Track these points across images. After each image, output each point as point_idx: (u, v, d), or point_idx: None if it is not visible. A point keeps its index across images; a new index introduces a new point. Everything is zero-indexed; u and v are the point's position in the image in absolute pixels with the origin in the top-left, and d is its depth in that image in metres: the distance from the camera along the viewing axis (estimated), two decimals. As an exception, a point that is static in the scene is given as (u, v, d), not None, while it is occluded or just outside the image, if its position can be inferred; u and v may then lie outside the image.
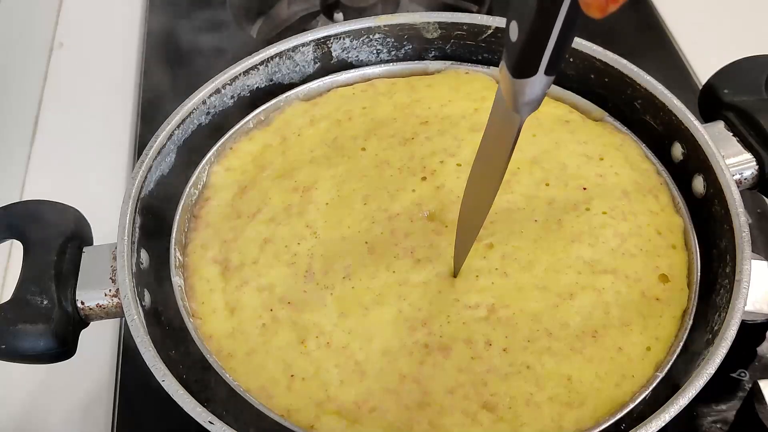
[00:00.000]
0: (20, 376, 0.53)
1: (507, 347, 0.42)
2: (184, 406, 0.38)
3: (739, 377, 0.50)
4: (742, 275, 0.42)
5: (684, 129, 0.48)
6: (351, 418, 0.40)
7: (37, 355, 0.42)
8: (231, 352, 0.43)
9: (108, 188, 0.62)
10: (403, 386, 0.41)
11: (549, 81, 0.33)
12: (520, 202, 0.47)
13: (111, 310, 0.44)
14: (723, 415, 0.49)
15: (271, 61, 0.54)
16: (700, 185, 0.48)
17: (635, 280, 0.44)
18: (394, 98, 0.54)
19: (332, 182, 0.49)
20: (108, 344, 0.55)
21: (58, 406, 0.53)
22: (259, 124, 0.53)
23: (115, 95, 0.73)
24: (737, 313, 0.40)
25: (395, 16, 0.56)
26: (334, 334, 0.43)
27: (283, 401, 0.41)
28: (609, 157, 0.50)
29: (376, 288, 0.44)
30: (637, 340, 0.42)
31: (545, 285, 0.44)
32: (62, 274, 0.44)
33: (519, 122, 0.35)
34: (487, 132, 0.39)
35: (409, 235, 0.46)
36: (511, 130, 0.36)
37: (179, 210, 0.48)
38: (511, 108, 0.34)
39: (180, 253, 0.47)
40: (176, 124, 0.50)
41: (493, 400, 0.40)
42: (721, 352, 0.39)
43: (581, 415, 0.40)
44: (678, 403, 0.38)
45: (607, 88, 0.53)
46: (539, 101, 0.34)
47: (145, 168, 0.48)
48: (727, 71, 0.51)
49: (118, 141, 0.69)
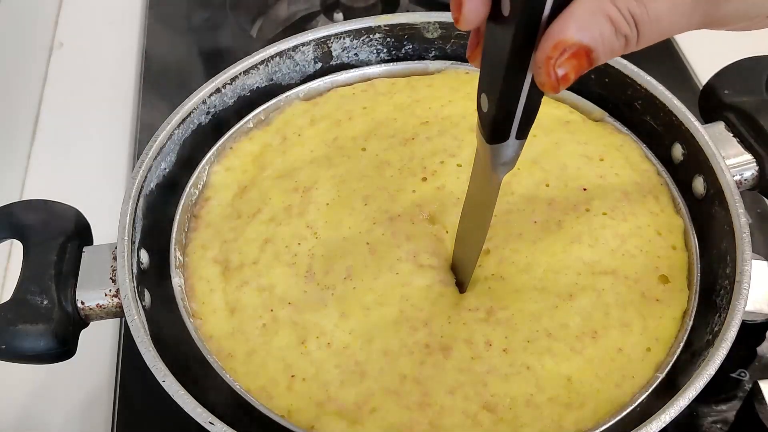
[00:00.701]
0: (20, 377, 0.53)
1: (507, 348, 0.42)
2: (184, 407, 0.38)
3: (739, 377, 0.50)
4: (743, 276, 0.42)
5: (684, 129, 0.48)
6: (351, 419, 0.40)
7: (37, 356, 0.42)
8: (231, 353, 0.43)
9: (108, 188, 0.61)
10: (404, 387, 0.41)
11: (521, 143, 0.35)
12: (519, 203, 0.47)
13: (111, 310, 0.44)
14: (723, 415, 0.49)
15: (271, 60, 0.54)
16: (700, 186, 0.48)
17: (635, 281, 0.44)
18: (394, 98, 0.54)
19: (332, 182, 0.49)
20: (108, 344, 0.55)
21: (59, 407, 0.53)
22: (259, 124, 0.53)
23: (115, 95, 0.73)
24: (737, 314, 0.40)
25: (395, 16, 0.56)
26: (334, 335, 0.43)
27: (284, 402, 0.41)
28: (609, 158, 0.50)
29: (378, 289, 0.44)
30: (637, 341, 0.42)
31: (544, 286, 0.44)
32: (62, 274, 0.43)
33: (497, 181, 0.38)
34: (471, 185, 0.41)
35: (410, 238, 0.46)
36: (491, 187, 0.39)
37: (179, 210, 0.48)
38: (489, 168, 0.37)
39: (180, 253, 0.47)
40: (176, 124, 0.50)
41: (493, 401, 0.40)
42: (722, 353, 0.39)
43: (581, 416, 0.40)
44: (678, 403, 0.38)
45: (608, 88, 0.53)
46: (514, 161, 0.36)
47: (145, 168, 0.47)
48: (728, 71, 0.51)
49: (118, 141, 0.69)
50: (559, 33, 0.29)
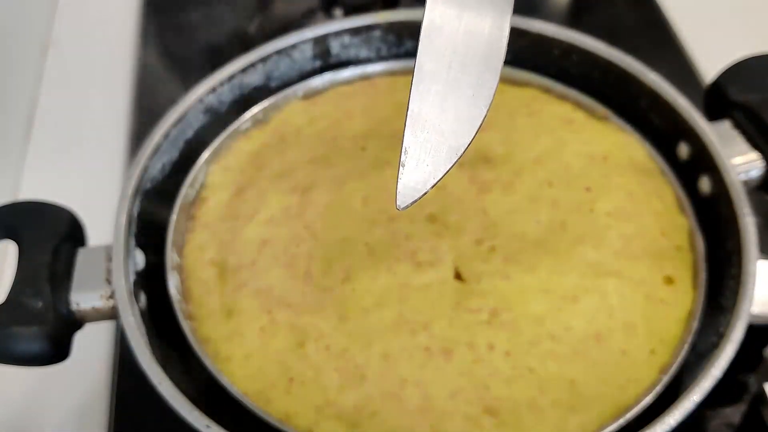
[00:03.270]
0: (15, 380, 0.53)
1: (509, 351, 0.41)
2: (181, 411, 0.38)
3: (745, 380, 0.49)
4: (749, 277, 0.41)
5: (689, 128, 0.48)
6: (351, 423, 0.40)
7: (30, 358, 0.42)
8: (228, 355, 0.42)
9: (103, 189, 0.61)
10: (404, 390, 0.40)
11: None
12: (523, 204, 0.47)
13: (106, 312, 0.43)
14: (729, 418, 0.48)
15: (269, 58, 0.54)
16: (706, 185, 0.47)
17: (640, 282, 0.44)
18: (394, 97, 0.53)
19: (331, 183, 0.49)
20: (104, 347, 0.55)
21: (54, 411, 0.53)
22: (257, 123, 0.53)
23: (110, 94, 0.72)
24: (743, 315, 0.40)
25: (395, 13, 0.55)
26: (333, 337, 0.42)
27: (282, 405, 0.40)
28: (613, 157, 0.49)
29: (377, 290, 0.43)
30: (642, 343, 0.42)
31: (548, 288, 0.43)
32: (57, 276, 0.43)
33: None
34: None
35: (410, 237, 0.45)
36: None
37: (176, 210, 0.48)
38: None
39: (176, 255, 0.46)
40: (172, 123, 0.49)
41: (495, 405, 0.40)
42: (728, 355, 0.39)
43: (585, 419, 0.40)
44: (684, 406, 0.37)
45: (612, 86, 0.52)
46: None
47: (141, 168, 0.47)
48: (734, 69, 0.50)
49: (114, 141, 0.68)
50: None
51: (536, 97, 0.53)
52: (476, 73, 0.35)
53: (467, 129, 0.34)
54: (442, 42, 0.35)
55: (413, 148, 0.34)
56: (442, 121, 0.34)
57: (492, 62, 0.35)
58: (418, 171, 0.34)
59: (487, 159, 0.49)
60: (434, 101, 0.34)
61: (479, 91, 0.35)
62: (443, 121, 0.34)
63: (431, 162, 0.34)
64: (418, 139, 0.34)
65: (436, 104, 0.34)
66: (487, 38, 0.35)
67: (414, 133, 0.34)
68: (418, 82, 0.35)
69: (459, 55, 0.35)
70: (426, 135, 0.34)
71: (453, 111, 0.34)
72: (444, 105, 0.35)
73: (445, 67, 0.35)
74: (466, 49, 0.35)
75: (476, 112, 0.34)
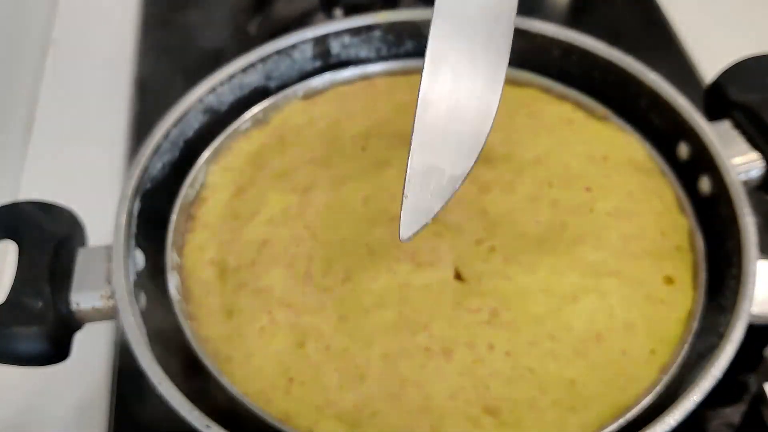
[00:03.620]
0: (15, 380, 0.53)
1: (509, 351, 0.41)
2: (180, 411, 0.37)
3: (745, 380, 0.49)
4: (749, 277, 0.41)
5: (689, 128, 0.48)
6: (351, 423, 0.40)
7: (31, 358, 0.42)
8: (228, 356, 0.42)
9: (103, 188, 0.61)
10: (404, 390, 0.40)
11: None
12: (523, 204, 0.47)
13: (106, 312, 0.43)
14: (729, 418, 0.48)
15: (269, 58, 0.53)
16: (706, 185, 0.47)
17: (640, 282, 0.44)
18: (394, 97, 0.53)
19: (331, 183, 0.48)
20: (104, 347, 0.55)
21: (54, 411, 0.53)
22: (257, 123, 0.53)
23: (110, 94, 0.72)
24: (743, 315, 0.40)
25: (395, 13, 0.55)
26: (333, 337, 0.42)
27: (282, 405, 0.40)
28: (613, 157, 0.49)
29: (377, 290, 0.43)
30: (642, 343, 0.42)
31: (548, 288, 0.43)
32: (57, 276, 0.43)
33: None
34: None
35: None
36: None
37: (176, 210, 0.48)
38: None
39: (176, 255, 0.46)
40: (172, 123, 0.49)
41: (495, 405, 0.40)
42: (728, 355, 0.39)
43: (585, 419, 0.40)
44: (684, 406, 0.37)
45: (612, 86, 0.52)
46: None
47: (141, 168, 0.47)
48: (734, 69, 0.50)
49: (114, 141, 0.68)
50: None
51: (536, 97, 0.53)
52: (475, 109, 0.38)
53: (465, 160, 0.37)
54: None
55: (415, 178, 0.36)
56: (443, 150, 0.37)
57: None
58: (420, 201, 0.36)
59: (487, 159, 0.49)
60: (436, 131, 0.37)
61: (477, 125, 0.38)
62: (444, 151, 0.37)
63: (432, 192, 0.36)
64: (421, 169, 0.36)
65: (437, 133, 0.37)
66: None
67: (417, 163, 0.36)
68: (422, 111, 0.37)
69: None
70: (428, 164, 0.36)
71: (454, 139, 0.37)
72: (445, 135, 0.37)
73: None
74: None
75: (475, 142, 0.37)
